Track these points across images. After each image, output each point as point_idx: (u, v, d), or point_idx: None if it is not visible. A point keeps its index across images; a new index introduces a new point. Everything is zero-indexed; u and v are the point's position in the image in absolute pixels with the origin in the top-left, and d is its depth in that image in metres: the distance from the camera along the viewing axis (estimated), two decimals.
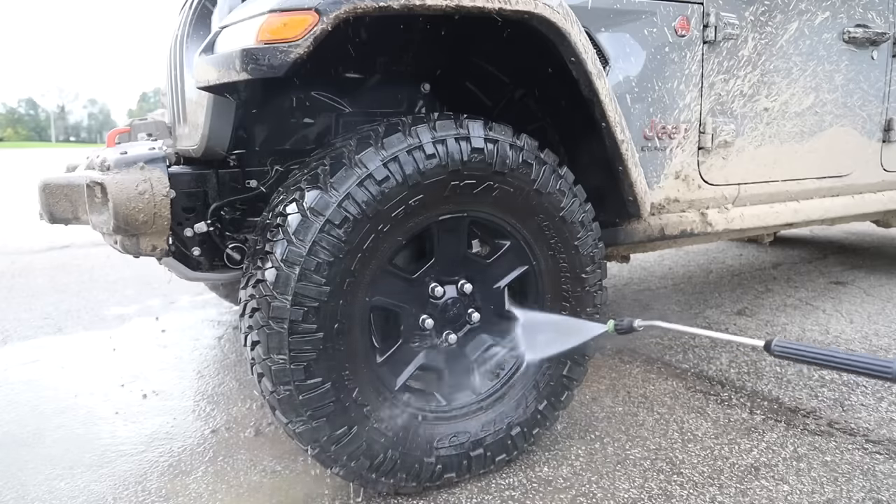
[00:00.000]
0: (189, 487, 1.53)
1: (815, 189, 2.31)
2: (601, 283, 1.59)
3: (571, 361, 1.59)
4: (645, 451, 1.65)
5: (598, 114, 1.53)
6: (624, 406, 1.92)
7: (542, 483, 1.51)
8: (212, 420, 1.89)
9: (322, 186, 1.23)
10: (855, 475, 1.52)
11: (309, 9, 1.15)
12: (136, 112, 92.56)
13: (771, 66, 2.02)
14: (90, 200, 1.42)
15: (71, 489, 1.53)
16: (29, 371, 2.32)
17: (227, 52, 1.23)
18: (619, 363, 2.27)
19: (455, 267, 1.47)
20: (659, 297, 3.18)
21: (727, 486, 1.48)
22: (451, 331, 1.47)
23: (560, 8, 1.37)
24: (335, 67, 1.63)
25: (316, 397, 1.26)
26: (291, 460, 1.64)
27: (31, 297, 3.44)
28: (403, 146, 1.27)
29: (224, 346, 2.56)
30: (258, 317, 1.24)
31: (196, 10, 1.69)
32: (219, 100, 1.42)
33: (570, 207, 1.48)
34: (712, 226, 2.04)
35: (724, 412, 1.87)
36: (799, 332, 2.57)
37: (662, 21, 1.76)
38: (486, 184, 1.37)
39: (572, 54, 1.42)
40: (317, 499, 1.47)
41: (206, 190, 1.53)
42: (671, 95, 1.82)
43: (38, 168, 18.52)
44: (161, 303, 3.28)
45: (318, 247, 1.20)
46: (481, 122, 1.36)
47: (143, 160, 1.39)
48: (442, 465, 1.44)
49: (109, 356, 2.47)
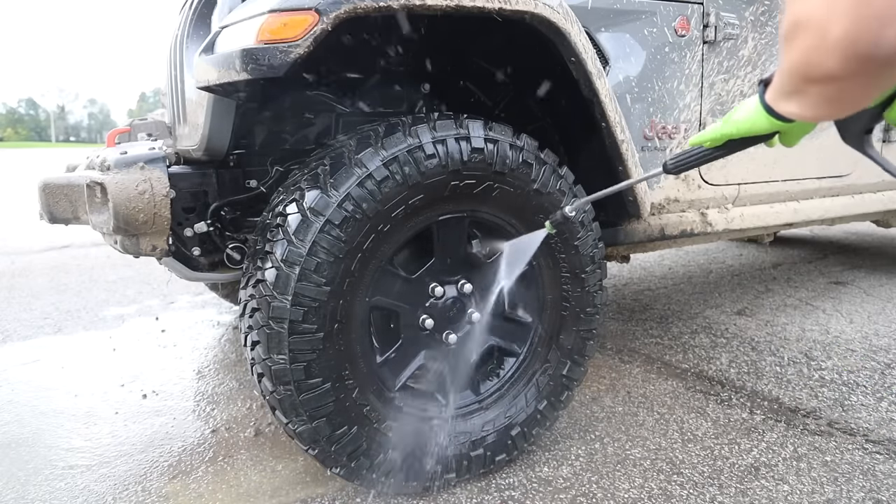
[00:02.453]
0: (189, 487, 1.53)
1: (815, 189, 2.31)
2: (601, 283, 1.59)
3: (571, 361, 1.59)
4: (645, 451, 1.65)
5: (598, 114, 1.53)
6: (624, 406, 1.92)
7: (542, 483, 1.51)
8: (212, 420, 1.89)
9: (322, 186, 1.23)
10: (855, 475, 1.52)
11: (309, 9, 1.15)
12: (136, 112, 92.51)
13: (771, 67, 2.02)
14: (90, 200, 1.42)
15: (71, 489, 1.53)
16: (29, 371, 2.32)
17: (227, 52, 1.23)
18: (619, 363, 2.28)
19: (455, 267, 1.47)
20: (659, 297, 3.18)
21: (727, 486, 1.48)
22: (451, 330, 1.47)
23: (560, 8, 1.37)
24: (335, 67, 1.63)
25: (316, 397, 1.26)
26: (291, 460, 1.64)
27: (31, 297, 3.44)
28: (403, 146, 1.27)
29: (224, 346, 2.56)
30: (258, 317, 1.24)
31: (196, 10, 1.69)
32: (219, 100, 1.42)
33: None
34: (712, 226, 2.04)
35: (724, 412, 1.87)
36: (799, 332, 2.57)
37: (662, 21, 1.76)
38: (486, 184, 1.37)
39: (572, 54, 1.42)
40: (317, 499, 1.47)
41: (206, 190, 1.53)
42: (671, 95, 1.82)
43: (37, 168, 18.53)
44: (161, 303, 3.28)
45: (318, 247, 1.20)
46: (481, 122, 1.36)
47: (143, 160, 1.39)
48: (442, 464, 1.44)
49: (109, 356, 2.47)
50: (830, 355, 2.32)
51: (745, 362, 2.26)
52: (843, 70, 0.52)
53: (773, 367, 2.21)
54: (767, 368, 2.20)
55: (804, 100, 0.62)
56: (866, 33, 0.48)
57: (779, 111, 0.70)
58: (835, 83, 0.54)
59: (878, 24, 0.47)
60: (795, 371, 2.17)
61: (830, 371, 2.17)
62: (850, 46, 0.50)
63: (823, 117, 0.64)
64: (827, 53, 0.51)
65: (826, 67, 0.53)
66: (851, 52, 0.50)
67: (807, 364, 2.23)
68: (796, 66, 0.57)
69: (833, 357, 2.30)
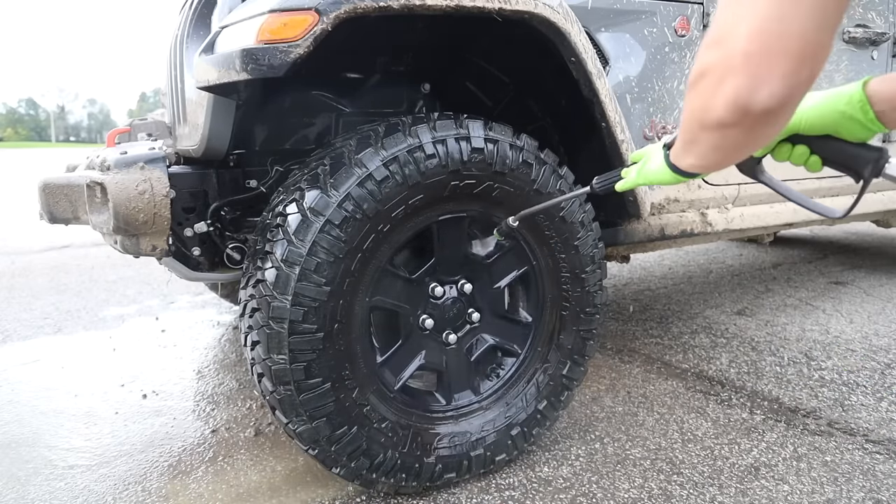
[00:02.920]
0: (189, 487, 1.53)
1: (815, 189, 2.31)
2: (601, 283, 1.59)
3: (571, 362, 1.59)
4: (645, 451, 1.65)
5: (598, 114, 1.53)
6: (624, 406, 1.92)
7: (542, 483, 1.51)
8: (212, 420, 1.89)
9: (322, 186, 1.23)
10: (855, 475, 1.52)
11: (309, 9, 1.15)
12: (136, 112, 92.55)
13: None
14: (90, 200, 1.42)
15: (71, 489, 1.53)
16: (29, 371, 2.32)
17: (227, 52, 1.23)
18: (619, 363, 2.28)
19: (455, 267, 1.47)
20: (659, 297, 3.18)
21: (727, 486, 1.48)
22: (451, 330, 1.47)
23: (560, 8, 1.37)
24: (335, 67, 1.63)
25: (316, 397, 1.26)
26: (291, 460, 1.64)
27: (31, 297, 3.44)
28: (403, 146, 1.27)
29: (224, 346, 2.56)
30: (258, 317, 1.24)
31: (196, 10, 1.69)
32: (219, 100, 1.42)
33: (570, 207, 1.48)
34: (712, 226, 2.04)
35: (724, 412, 1.87)
36: (799, 332, 2.57)
37: (662, 21, 1.76)
38: (486, 184, 1.37)
39: (572, 54, 1.42)
40: (317, 499, 1.47)
41: (206, 190, 1.53)
42: (671, 95, 1.82)
43: (38, 168, 18.53)
44: (161, 303, 3.28)
45: (318, 247, 1.20)
46: (481, 122, 1.36)
47: (143, 160, 1.38)
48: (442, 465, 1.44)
49: (109, 356, 2.47)
50: (830, 355, 2.32)
51: (745, 362, 2.26)
52: (728, 118, 0.59)
53: (773, 367, 2.21)
54: (767, 368, 2.20)
55: (697, 149, 0.71)
56: (745, 89, 0.56)
57: (680, 167, 0.83)
58: (721, 131, 0.62)
59: (755, 83, 0.55)
60: (795, 371, 2.17)
61: (830, 371, 2.17)
62: (733, 98, 0.57)
63: (715, 166, 0.74)
64: (717, 101, 0.59)
65: (716, 115, 0.60)
66: (733, 103, 0.58)
67: (807, 364, 2.23)
68: (695, 111, 0.64)
69: (833, 357, 2.30)
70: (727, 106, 0.58)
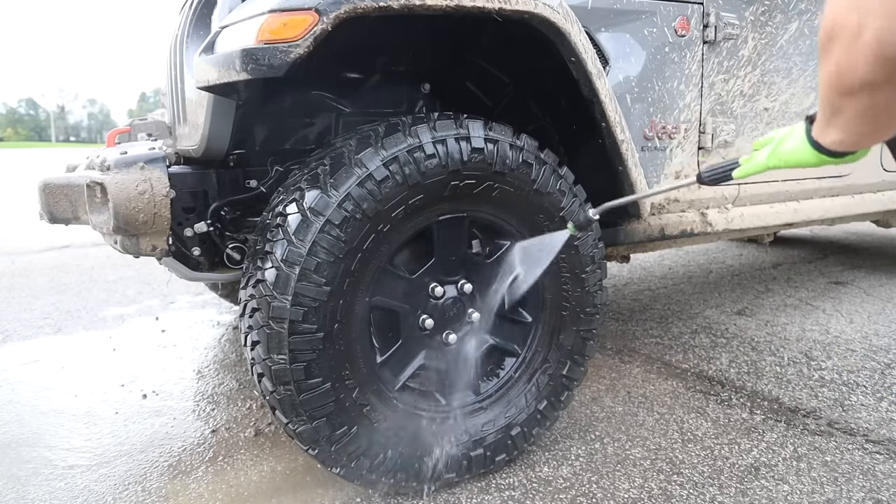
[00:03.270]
0: (189, 487, 1.53)
1: (815, 189, 2.31)
2: (601, 283, 1.59)
3: (571, 361, 1.59)
4: (645, 451, 1.65)
5: (598, 114, 1.53)
6: (624, 406, 1.92)
7: (542, 483, 1.51)
8: (212, 420, 1.89)
9: (322, 186, 1.23)
10: (855, 475, 1.52)
11: (309, 9, 1.15)
12: (136, 112, 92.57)
13: (771, 66, 2.02)
14: (90, 200, 1.42)
15: (71, 489, 1.53)
16: (29, 371, 2.32)
17: (227, 52, 1.23)
18: (619, 363, 2.28)
19: (455, 267, 1.47)
20: (659, 297, 3.18)
21: (727, 486, 1.48)
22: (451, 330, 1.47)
23: (560, 8, 1.37)
24: (335, 67, 1.63)
25: (316, 397, 1.26)
26: (291, 460, 1.64)
27: (31, 297, 3.44)
28: (403, 146, 1.27)
29: (224, 346, 2.56)
30: (258, 317, 1.24)
31: (196, 10, 1.69)
32: (219, 100, 1.42)
33: (570, 207, 1.48)
34: (712, 226, 2.04)
35: (724, 412, 1.87)
36: (799, 332, 2.57)
37: (662, 21, 1.76)
38: (486, 184, 1.37)
39: (572, 54, 1.42)
40: (317, 499, 1.47)
41: (206, 190, 1.53)
42: (671, 95, 1.82)
43: (38, 168, 18.53)
44: (161, 303, 3.28)
45: (318, 247, 1.20)
46: (481, 122, 1.36)
47: (143, 160, 1.39)
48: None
49: (109, 356, 2.47)
50: (830, 355, 2.32)
51: (745, 362, 2.26)
52: (873, 74, 0.49)
53: (773, 367, 2.22)
54: (767, 368, 2.20)
55: (841, 121, 0.60)
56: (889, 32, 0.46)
57: (824, 144, 0.69)
58: (868, 92, 0.52)
59: None
60: (795, 371, 2.17)
61: (830, 371, 2.17)
62: (877, 46, 0.47)
63: (865, 139, 0.62)
64: (857, 57, 0.49)
65: (859, 73, 0.50)
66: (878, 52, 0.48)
67: (807, 364, 2.23)
68: (832, 78, 0.55)
69: (833, 357, 2.30)
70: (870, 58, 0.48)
